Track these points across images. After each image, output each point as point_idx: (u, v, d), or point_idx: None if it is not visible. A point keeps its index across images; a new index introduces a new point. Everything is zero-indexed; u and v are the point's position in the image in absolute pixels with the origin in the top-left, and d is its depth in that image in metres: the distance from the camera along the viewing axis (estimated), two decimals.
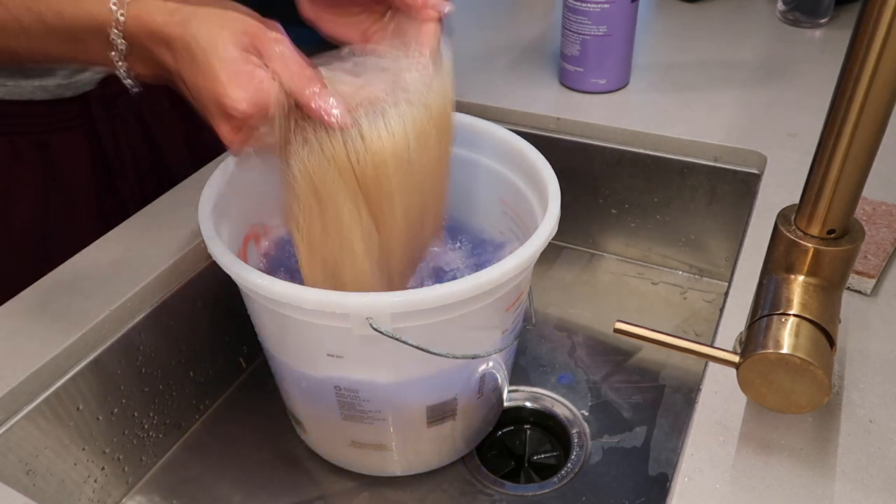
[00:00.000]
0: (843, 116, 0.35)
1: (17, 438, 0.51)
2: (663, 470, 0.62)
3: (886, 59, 0.32)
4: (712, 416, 0.45)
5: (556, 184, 0.55)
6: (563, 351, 0.74)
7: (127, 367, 0.58)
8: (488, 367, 0.57)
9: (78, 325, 0.54)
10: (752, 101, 0.79)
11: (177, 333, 0.63)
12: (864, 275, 0.53)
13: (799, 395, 0.38)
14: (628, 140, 0.76)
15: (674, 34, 0.95)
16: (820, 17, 0.94)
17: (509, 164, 0.62)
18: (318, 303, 0.44)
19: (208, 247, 0.49)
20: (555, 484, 0.62)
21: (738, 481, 0.41)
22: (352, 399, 0.53)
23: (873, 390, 0.46)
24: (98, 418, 0.57)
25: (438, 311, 0.46)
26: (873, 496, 0.40)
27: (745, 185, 0.73)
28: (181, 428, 0.66)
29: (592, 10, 0.76)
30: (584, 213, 0.83)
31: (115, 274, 0.59)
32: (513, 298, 0.52)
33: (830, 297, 0.40)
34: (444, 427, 0.58)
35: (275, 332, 0.54)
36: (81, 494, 0.57)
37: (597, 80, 0.81)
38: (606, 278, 0.83)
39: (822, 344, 0.38)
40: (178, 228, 0.64)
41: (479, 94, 0.82)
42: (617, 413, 0.67)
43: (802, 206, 0.40)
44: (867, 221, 0.57)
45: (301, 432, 0.64)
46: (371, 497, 0.61)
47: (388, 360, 0.50)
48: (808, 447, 0.43)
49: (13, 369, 0.51)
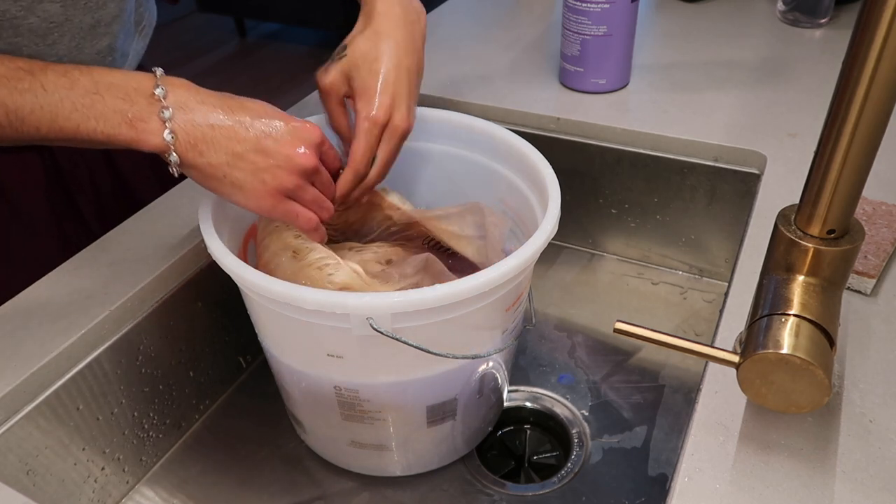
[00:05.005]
0: (843, 116, 0.35)
1: (17, 438, 0.51)
2: (663, 470, 0.62)
3: (886, 59, 0.32)
4: (712, 416, 0.45)
5: (556, 184, 0.55)
6: (563, 351, 0.74)
7: (127, 367, 0.58)
8: (488, 367, 0.57)
9: (78, 326, 0.54)
10: (752, 101, 0.78)
11: (177, 333, 0.63)
12: (864, 275, 0.53)
13: (799, 395, 0.38)
14: (628, 140, 0.76)
15: (674, 34, 0.95)
16: (820, 17, 0.94)
17: (509, 165, 0.62)
18: (318, 303, 0.44)
19: (208, 247, 0.49)
20: (555, 484, 0.62)
21: (738, 481, 0.41)
22: (352, 399, 0.53)
23: (873, 390, 0.46)
24: (98, 418, 0.57)
25: (438, 311, 0.46)
26: (873, 496, 0.40)
27: (745, 185, 0.73)
28: (181, 428, 0.66)
29: (592, 10, 0.76)
30: (584, 213, 0.83)
31: (115, 274, 0.59)
32: (513, 298, 0.52)
33: (830, 297, 0.40)
34: (444, 427, 0.58)
35: (275, 332, 0.54)
36: (81, 494, 0.57)
37: (597, 80, 0.81)
38: (606, 278, 0.83)
39: (822, 344, 0.38)
40: (178, 228, 0.64)
41: (480, 95, 0.82)
42: (617, 413, 0.67)
43: (802, 206, 0.40)
44: (867, 221, 0.57)
45: (301, 432, 0.64)
46: (371, 497, 0.61)
47: (388, 360, 0.50)
48: (808, 447, 0.43)
49: (13, 369, 0.51)
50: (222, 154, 0.47)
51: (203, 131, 0.47)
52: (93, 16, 0.61)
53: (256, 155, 0.48)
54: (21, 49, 0.58)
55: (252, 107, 0.50)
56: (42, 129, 0.46)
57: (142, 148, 0.46)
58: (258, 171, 0.48)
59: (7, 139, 0.47)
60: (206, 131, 0.47)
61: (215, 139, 0.47)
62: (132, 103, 0.46)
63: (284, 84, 3.00)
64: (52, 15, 0.58)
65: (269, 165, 0.48)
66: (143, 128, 0.46)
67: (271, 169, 0.49)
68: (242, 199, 0.49)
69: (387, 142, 0.55)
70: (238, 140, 0.48)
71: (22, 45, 0.58)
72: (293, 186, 0.50)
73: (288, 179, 0.49)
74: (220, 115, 0.48)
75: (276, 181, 0.49)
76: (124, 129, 0.46)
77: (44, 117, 0.45)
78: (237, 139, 0.48)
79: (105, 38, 0.64)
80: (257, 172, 0.48)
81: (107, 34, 0.64)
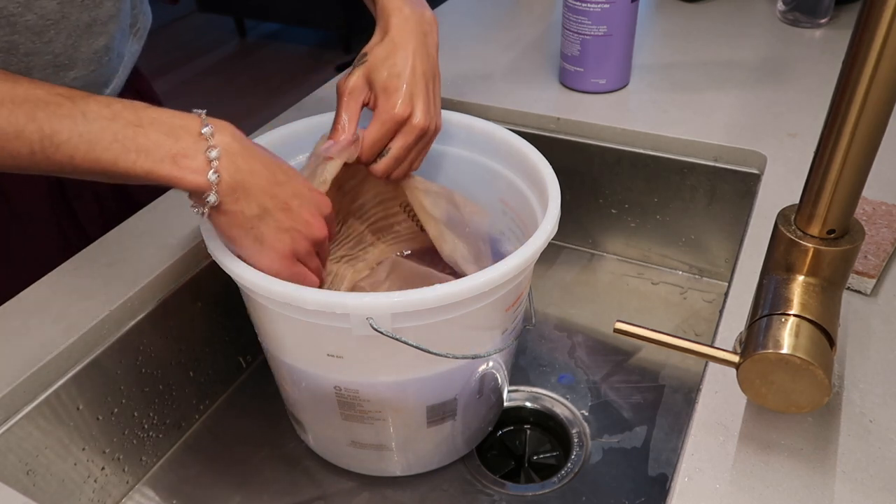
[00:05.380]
0: (843, 116, 0.35)
1: (17, 438, 0.51)
2: (663, 470, 0.62)
3: (886, 59, 0.32)
4: (712, 416, 0.45)
5: (556, 184, 0.55)
6: (563, 351, 0.74)
7: (127, 367, 0.58)
8: (488, 367, 0.57)
9: (78, 325, 0.54)
10: (752, 101, 0.79)
11: (177, 333, 0.63)
12: (864, 275, 0.53)
13: (799, 395, 0.38)
14: (628, 140, 0.76)
15: (674, 34, 0.95)
16: (820, 17, 0.94)
17: (509, 165, 0.62)
18: (318, 303, 0.44)
19: (208, 247, 0.49)
20: (555, 484, 0.62)
21: (738, 481, 0.41)
22: (352, 399, 0.53)
23: (873, 390, 0.46)
24: (98, 418, 0.57)
25: (438, 311, 0.46)
26: (873, 496, 0.40)
27: (745, 185, 0.73)
28: (181, 428, 0.66)
29: (592, 10, 0.76)
30: (584, 213, 0.83)
31: (115, 274, 0.59)
32: (513, 298, 0.52)
33: (830, 297, 0.40)
34: (444, 427, 0.58)
35: (275, 332, 0.54)
36: (81, 494, 0.57)
37: (597, 80, 0.81)
38: (606, 278, 0.83)
39: (822, 344, 0.38)
40: (178, 228, 0.64)
41: (480, 94, 0.82)
42: (617, 413, 0.67)
43: (802, 206, 0.40)
44: (867, 221, 0.57)
45: (301, 432, 0.64)
46: (371, 497, 0.61)
47: (388, 360, 0.50)
48: (808, 447, 0.43)
49: (13, 369, 0.51)
50: (255, 205, 0.47)
51: (245, 178, 0.46)
52: (89, 14, 0.61)
53: (283, 214, 0.48)
54: (18, 47, 0.58)
55: (282, 164, 0.49)
56: (76, 159, 0.44)
57: (181, 186, 0.45)
58: (280, 230, 0.48)
59: (35, 168, 0.45)
60: (247, 178, 0.46)
61: (253, 189, 0.46)
62: (177, 139, 0.45)
63: (284, 84, 3.00)
64: (49, 12, 0.58)
65: (290, 227, 0.48)
66: (186, 165, 0.44)
67: (291, 231, 0.48)
68: (258, 255, 0.48)
69: (403, 137, 0.55)
70: (272, 195, 0.47)
71: (18, 42, 0.58)
72: (305, 252, 0.50)
73: (303, 244, 0.49)
74: (259, 165, 0.47)
75: (294, 244, 0.49)
76: (167, 164, 0.44)
77: (80, 146, 0.43)
78: (271, 194, 0.47)
79: (101, 37, 0.64)
80: (280, 232, 0.48)
81: (103, 33, 0.64)
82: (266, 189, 0.47)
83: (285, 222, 0.48)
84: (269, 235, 0.48)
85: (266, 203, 0.47)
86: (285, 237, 0.48)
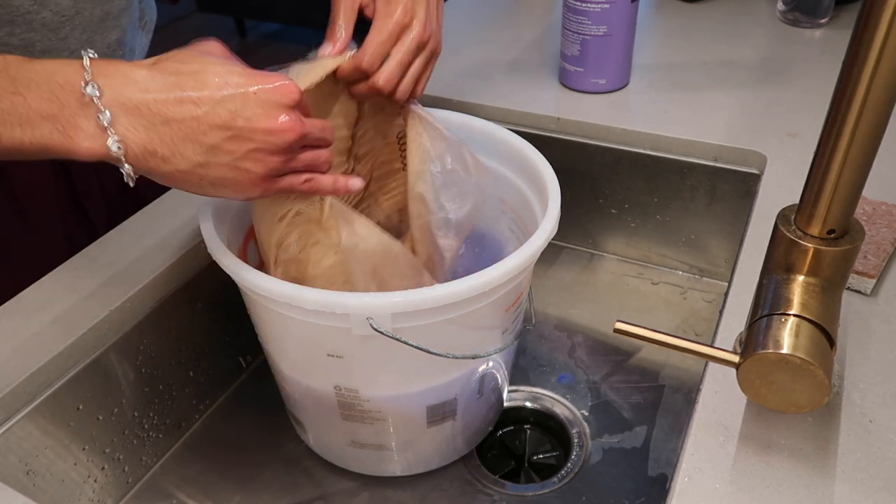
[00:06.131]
0: (843, 116, 0.35)
1: (17, 438, 0.51)
2: (663, 470, 0.62)
3: (886, 59, 0.32)
4: (712, 416, 0.45)
5: (556, 184, 0.55)
6: (563, 351, 0.74)
7: (127, 367, 0.58)
8: (488, 367, 0.57)
9: (78, 325, 0.54)
10: (752, 101, 0.78)
11: (177, 333, 0.63)
12: (864, 275, 0.53)
13: (799, 395, 0.38)
14: (628, 140, 0.76)
15: (674, 34, 0.95)
16: (820, 17, 0.94)
17: (509, 164, 0.62)
18: (318, 303, 0.44)
19: (208, 247, 0.49)
20: (555, 484, 0.62)
21: (738, 481, 0.41)
22: (352, 399, 0.53)
23: (873, 390, 0.46)
24: (98, 418, 0.57)
25: (438, 311, 0.46)
26: (873, 496, 0.40)
27: (745, 185, 0.73)
28: (181, 428, 0.66)
29: (592, 10, 0.76)
30: (584, 213, 0.83)
31: (115, 274, 0.59)
32: (513, 298, 0.52)
33: (830, 297, 0.40)
34: (444, 427, 0.58)
35: (275, 331, 0.54)
36: (81, 494, 0.57)
37: (597, 80, 0.81)
38: (606, 278, 0.83)
39: (822, 344, 0.38)
40: (178, 228, 0.64)
41: (479, 94, 0.82)
42: (617, 413, 0.67)
43: (802, 206, 0.40)
44: (867, 221, 0.57)
45: (301, 432, 0.64)
46: (371, 497, 0.61)
47: (388, 359, 0.50)
48: (808, 447, 0.43)
49: (13, 369, 0.51)
50: (190, 155, 0.39)
51: (159, 134, 0.38)
52: (102, 8, 0.62)
53: (230, 143, 0.40)
54: (34, 44, 0.58)
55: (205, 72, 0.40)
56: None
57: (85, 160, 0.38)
58: (237, 161, 0.40)
59: None
60: (162, 132, 0.38)
61: (176, 139, 0.38)
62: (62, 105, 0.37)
63: None
64: (64, 8, 0.58)
65: (248, 151, 0.40)
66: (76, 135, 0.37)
67: (251, 154, 0.41)
68: (229, 195, 0.43)
69: (404, 44, 0.51)
70: (203, 131, 0.39)
71: (35, 40, 0.58)
72: (280, 165, 0.43)
73: (272, 160, 0.42)
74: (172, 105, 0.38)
75: (261, 166, 0.41)
76: (57, 136, 0.37)
77: None
78: (202, 130, 0.39)
79: (114, 31, 0.64)
80: (236, 163, 0.41)
81: (116, 27, 0.64)
82: (195, 128, 0.39)
83: (238, 150, 0.40)
84: (227, 175, 0.41)
85: (202, 142, 0.39)
86: (247, 164, 0.41)
